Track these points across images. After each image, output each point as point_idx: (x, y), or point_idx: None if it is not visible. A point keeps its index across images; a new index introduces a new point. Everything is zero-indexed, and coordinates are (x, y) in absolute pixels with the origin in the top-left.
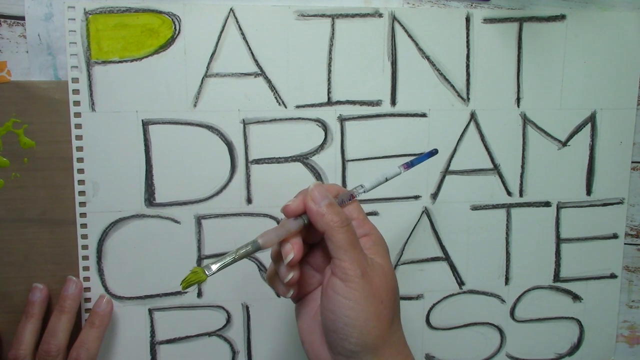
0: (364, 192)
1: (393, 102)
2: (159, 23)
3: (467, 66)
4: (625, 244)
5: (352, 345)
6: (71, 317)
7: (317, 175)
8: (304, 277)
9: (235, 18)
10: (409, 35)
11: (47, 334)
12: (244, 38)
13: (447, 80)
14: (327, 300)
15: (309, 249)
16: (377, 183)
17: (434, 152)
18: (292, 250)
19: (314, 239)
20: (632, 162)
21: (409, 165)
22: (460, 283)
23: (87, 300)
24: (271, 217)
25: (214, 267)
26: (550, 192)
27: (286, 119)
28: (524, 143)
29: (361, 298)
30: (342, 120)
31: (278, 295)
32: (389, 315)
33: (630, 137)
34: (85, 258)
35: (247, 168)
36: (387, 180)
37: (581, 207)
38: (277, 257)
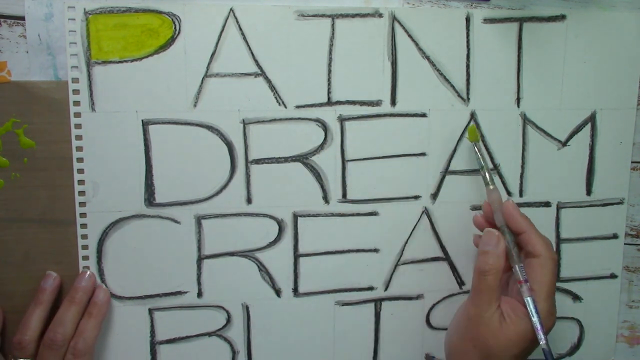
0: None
1: (393, 102)
2: (159, 23)
3: (467, 66)
4: (625, 244)
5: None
6: (80, 309)
7: (317, 175)
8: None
9: (235, 18)
10: (409, 35)
11: (55, 323)
12: (244, 38)
13: (447, 80)
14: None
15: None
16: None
17: None
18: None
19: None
20: (632, 162)
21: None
22: (460, 283)
23: None
24: (271, 217)
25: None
26: (550, 192)
27: (286, 119)
28: (524, 143)
29: (460, 330)
30: (342, 120)
31: None
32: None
33: (630, 137)
34: (85, 258)
35: (247, 168)
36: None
37: (581, 207)
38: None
